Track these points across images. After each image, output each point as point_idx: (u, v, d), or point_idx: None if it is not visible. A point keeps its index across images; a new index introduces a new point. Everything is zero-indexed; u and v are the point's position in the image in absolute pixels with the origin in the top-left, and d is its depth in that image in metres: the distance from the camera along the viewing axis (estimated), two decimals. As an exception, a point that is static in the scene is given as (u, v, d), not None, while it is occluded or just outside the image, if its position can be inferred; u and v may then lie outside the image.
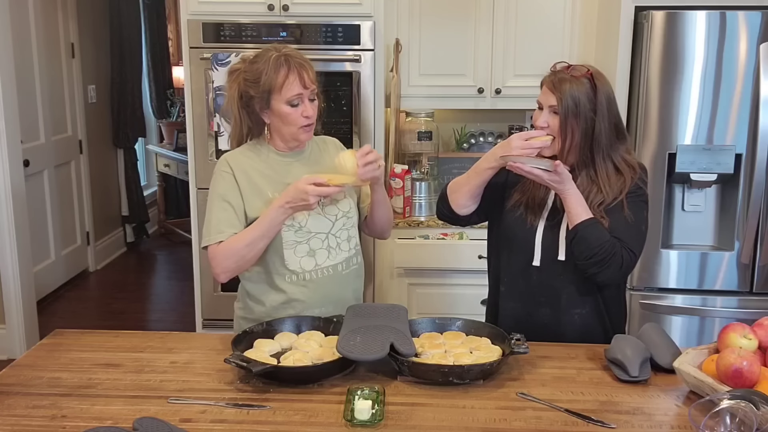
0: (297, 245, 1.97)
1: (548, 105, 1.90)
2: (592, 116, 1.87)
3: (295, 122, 1.93)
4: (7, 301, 3.85)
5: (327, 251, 2.00)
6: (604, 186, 1.90)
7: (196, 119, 3.11)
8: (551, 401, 1.59)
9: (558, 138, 1.90)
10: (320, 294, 2.00)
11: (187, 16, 3.04)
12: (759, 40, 2.69)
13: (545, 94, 1.92)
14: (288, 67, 1.89)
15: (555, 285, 1.98)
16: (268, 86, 1.90)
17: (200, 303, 3.26)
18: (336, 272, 2.03)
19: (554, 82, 1.89)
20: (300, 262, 1.98)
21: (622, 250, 1.86)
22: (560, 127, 1.89)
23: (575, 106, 1.86)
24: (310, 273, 1.99)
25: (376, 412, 1.50)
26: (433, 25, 3.27)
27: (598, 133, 1.89)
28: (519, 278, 2.02)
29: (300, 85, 1.90)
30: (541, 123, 1.91)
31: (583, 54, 3.26)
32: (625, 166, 1.93)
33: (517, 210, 1.99)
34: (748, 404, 1.35)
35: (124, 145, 5.80)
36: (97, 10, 5.40)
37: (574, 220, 1.86)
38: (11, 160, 3.75)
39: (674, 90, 2.76)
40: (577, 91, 1.87)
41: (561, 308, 1.98)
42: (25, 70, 4.32)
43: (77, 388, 1.65)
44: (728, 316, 2.84)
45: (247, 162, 2.00)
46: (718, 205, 2.89)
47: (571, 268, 1.93)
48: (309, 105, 1.94)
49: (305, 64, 1.93)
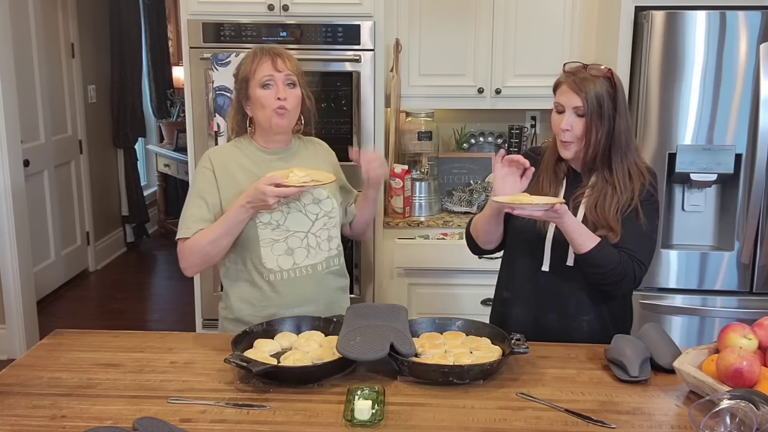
0: (274, 243, 1.97)
1: (572, 107, 1.85)
2: (614, 115, 1.84)
3: (269, 104, 1.94)
4: (7, 301, 3.85)
5: (306, 250, 2.00)
6: (619, 187, 1.88)
7: (196, 119, 3.11)
8: (551, 401, 1.59)
9: (582, 140, 1.86)
10: (298, 293, 2.01)
11: (187, 16, 3.04)
12: (759, 40, 2.69)
13: (566, 95, 1.86)
14: (262, 54, 1.96)
15: (563, 291, 1.96)
16: (244, 74, 1.98)
17: (200, 303, 3.26)
18: (315, 272, 2.03)
19: (576, 82, 1.84)
20: (277, 260, 1.98)
21: (633, 265, 1.85)
22: (586, 128, 1.85)
23: (599, 107, 1.83)
24: (288, 272, 2.00)
25: (376, 412, 1.50)
26: (433, 25, 3.27)
27: (618, 134, 1.86)
28: (527, 283, 2.00)
29: (271, 67, 1.94)
30: (564, 126, 1.86)
31: (583, 54, 3.25)
32: (637, 170, 1.91)
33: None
34: (748, 404, 1.35)
35: (124, 145, 5.80)
36: (97, 10, 5.40)
37: (580, 249, 1.83)
38: (11, 160, 3.76)
39: (674, 90, 2.76)
40: (601, 90, 1.83)
41: (569, 314, 1.97)
42: (25, 70, 4.32)
43: (77, 388, 1.65)
44: (728, 316, 2.84)
45: (230, 157, 2.02)
46: (718, 205, 2.89)
47: (580, 274, 1.91)
48: (283, 88, 1.95)
49: (282, 52, 1.98)
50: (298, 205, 1.98)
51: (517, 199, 1.79)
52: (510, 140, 3.49)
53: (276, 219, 1.96)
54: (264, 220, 1.95)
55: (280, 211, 1.96)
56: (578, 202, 1.93)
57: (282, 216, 1.96)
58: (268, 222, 1.96)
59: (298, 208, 1.98)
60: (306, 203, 2.00)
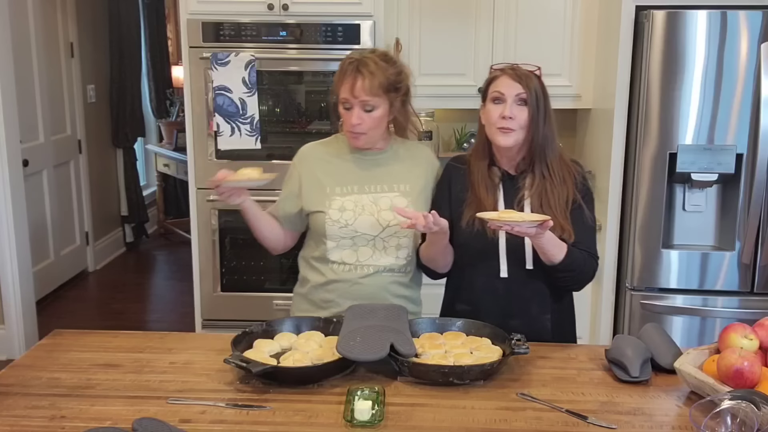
0: (341, 239, 2.01)
1: (515, 94, 1.86)
2: (544, 112, 1.89)
3: (347, 125, 1.99)
4: (6, 301, 3.84)
5: (372, 250, 2.03)
6: (557, 183, 1.93)
7: (195, 119, 3.11)
8: (551, 401, 1.58)
9: (525, 129, 1.88)
10: (356, 290, 2.02)
11: (187, 15, 3.03)
12: (760, 40, 2.69)
13: (507, 85, 1.87)
14: (347, 71, 1.95)
15: (525, 294, 1.97)
16: (334, 87, 2.01)
17: (200, 303, 3.26)
18: (377, 273, 2.03)
19: (517, 73, 1.89)
20: (342, 254, 2.03)
21: (592, 261, 1.94)
22: (531, 118, 1.87)
23: (536, 99, 1.88)
24: (350, 267, 2.03)
25: (376, 413, 1.49)
26: (433, 24, 3.27)
27: (548, 128, 1.91)
28: (486, 294, 1.98)
29: (350, 91, 1.94)
30: (508, 113, 1.85)
31: (583, 54, 3.25)
32: (566, 163, 1.97)
33: (474, 226, 1.93)
34: (749, 405, 1.35)
35: (124, 144, 5.80)
36: (96, 9, 5.40)
37: (554, 259, 1.87)
38: (10, 159, 3.75)
39: (675, 90, 2.76)
40: (535, 84, 1.89)
41: (533, 316, 1.97)
42: (25, 70, 4.31)
43: (76, 389, 1.65)
44: (729, 316, 2.84)
45: (316, 156, 2.10)
46: (719, 205, 2.89)
47: (538, 275, 1.94)
48: (357, 114, 1.94)
49: (365, 72, 1.92)
50: (372, 209, 2.01)
51: (506, 215, 1.78)
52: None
53: (345, 218, 2.00)
54: (334, 217, 2.00)
55: (351, 211, 2.01)
56: (522, 205, 1.94)
57: (353, 216, 2.00)
58: (337, 219, 2.00)
59: (371, 211, 2.00)
60: (382, 208, 2.01)
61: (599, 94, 3.21)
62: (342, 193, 2.03)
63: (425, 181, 2.09)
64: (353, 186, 2.04)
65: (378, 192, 2.04)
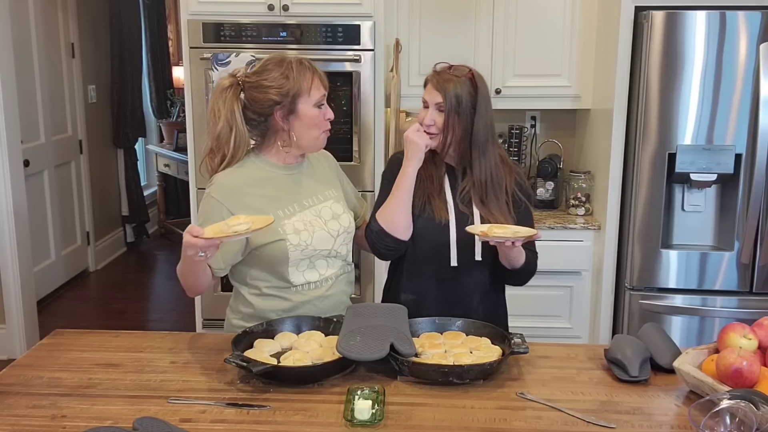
0: (300, 261, 1.95)
1: (434, 102, 1.98)
2: (472, 114, 1.96)
3: (321, 125, 1.96)
4: (7, 301, 3.85)
5: (326, 261, 2.01)
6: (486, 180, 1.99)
7: (196, 119, 3.11)
8: (551, 401, 1.59)
9: (441, 134, 1.98)
10: (325, 304, 2.01)
11: (187, 16, 3.04)
12: (759, 40, 2.69)
13: (430, 93, 2.00)
14: (312, 70, 1.93)
15: (468, 285, 2.05)
16: (296, 89, 1.88)
17: (200, 303, 3.27)
18: (337, 280, 2.04)
19: (439, 81, 1.98)
20: (304, 275, 1.97)
21: (536, 260, 2.07)
22: (444, 123, 1.97)
23: (458, 104, 1.96)
24: (315, 284, 1.99)
25: (376, 412, 1.50)
26: (433, 25, 3.27)
27: (476, 131, 1.97)
28: (432, 284, 2.05)
29: (322, 86, 1.94)
30: (428, 121, 1.98)
31: (582, 54, 3.26)
32: (503, 164, 2.05)
33: (424, 211, 2.02)
34: (748, 404, 1.35)
35: (124, 145, 5.80)
36: (97, 10, 5.40)
37: (517, 264, 1.98)
38: (11, 160, 3.75)
39: (674, 90, 2.76)
40: (460, 89, 1.96)
41: (472, 307, 2.05)
42: (25, 70, 4.32)
43: (77, 388, 1.65)
44: (728, 316, 2.84)
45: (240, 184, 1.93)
46: (718, 205, 2.89)
47: (486, 266, 2.04)
48: (329, 108, 1.98)
49: (318, 69, 1.97)
50: (318, 223, 1.97)
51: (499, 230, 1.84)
52: (510, 140, 3.49)
53: (304, 240, 1.93)
54: (294, 242, 1.90)
55: (305, 231, 1.93)
56: (467, 199, 2.01)
57: (309, 236, 1.94)
58: (297, 244, 1.91)
59: (320, 226, 1.97)
60: (327, 219, 1.99)
61: (598, 95, 3.21)
62: (286, 215, 1.93)
63: (336, 176, 2.14)
64: (293, 205, 1.96)
65: (315, 204, 2.00)
